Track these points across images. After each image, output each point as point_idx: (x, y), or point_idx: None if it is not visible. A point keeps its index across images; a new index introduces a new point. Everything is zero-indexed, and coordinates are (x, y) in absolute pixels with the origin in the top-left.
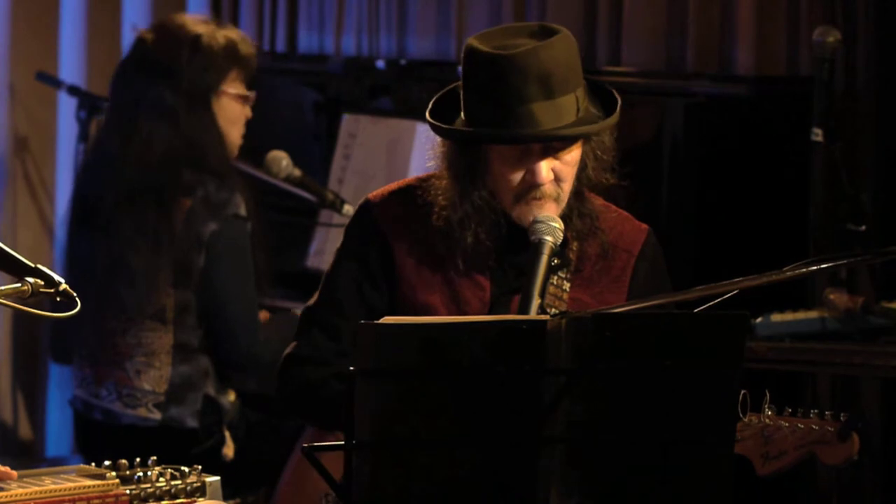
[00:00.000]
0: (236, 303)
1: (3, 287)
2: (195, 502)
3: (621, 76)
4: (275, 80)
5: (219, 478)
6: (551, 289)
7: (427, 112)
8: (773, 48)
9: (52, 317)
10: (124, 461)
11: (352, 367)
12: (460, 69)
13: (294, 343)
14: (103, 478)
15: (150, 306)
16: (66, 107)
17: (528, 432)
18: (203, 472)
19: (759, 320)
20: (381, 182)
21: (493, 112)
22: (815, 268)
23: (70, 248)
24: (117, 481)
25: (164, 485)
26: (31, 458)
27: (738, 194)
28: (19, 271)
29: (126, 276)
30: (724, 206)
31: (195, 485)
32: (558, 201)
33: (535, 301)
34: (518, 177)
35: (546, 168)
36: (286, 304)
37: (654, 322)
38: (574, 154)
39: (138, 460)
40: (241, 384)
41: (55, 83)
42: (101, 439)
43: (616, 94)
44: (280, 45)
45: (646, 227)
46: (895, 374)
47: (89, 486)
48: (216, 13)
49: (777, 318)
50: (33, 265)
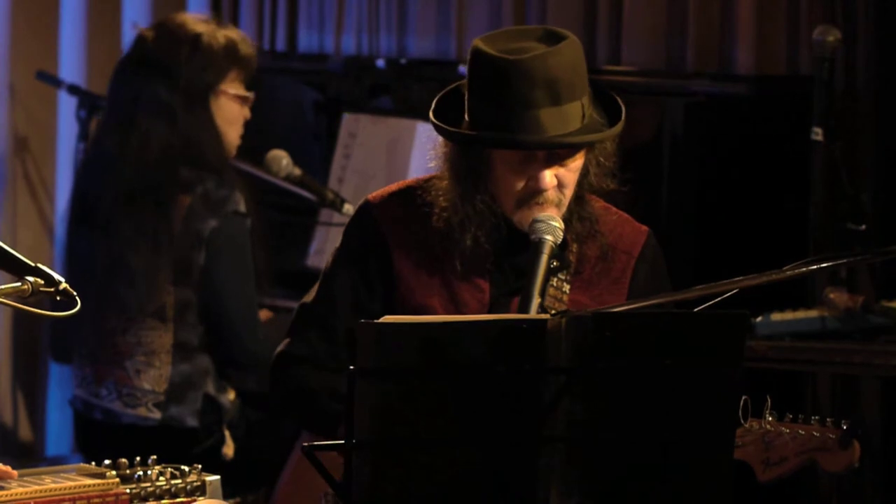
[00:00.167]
0: (236, 300)
1: (3, 286)
2: (195, 501)
3: (621, 76)
4: (275, 79)
5: (219, 477)
6: (551, 291)
7: (430, 112)
8: (773, 48)
9: (52, 316)
10: (124, 460)
11: (352, 367)
12: (461, 69)
13: (288, 340)
14: (103, 477)
15: (150, 305)
16: (66, 106)
17: (528, 431)
18: (203, 471)
19: (759, 319)
20: (381, 181)
21: (498, 116)
22: (815, 267)
23: (69, 246)
24: (117, 480)
25: (165, 484)
26: (31, 458)
27: (738, 194)
28: (19, 270)
29: (126, 274)
30: (724, 205)
31: (195, 484)
32: (560, 206)
33: (535, 300)
34: (521, 182)
35: (550, 175)
36: (286, 303)
37: (654, 321)
38: (578, 161)
39: (138, 459)
40: (240, 383)
41: (55, 83)
42: (101, 439)
43: (620, 102)
44: (280, 45)
45: (646, 228)
46: (895, 373)
47: (89, 486)
48: (216, 12)
49: (777, 317)
50: (33, 264)
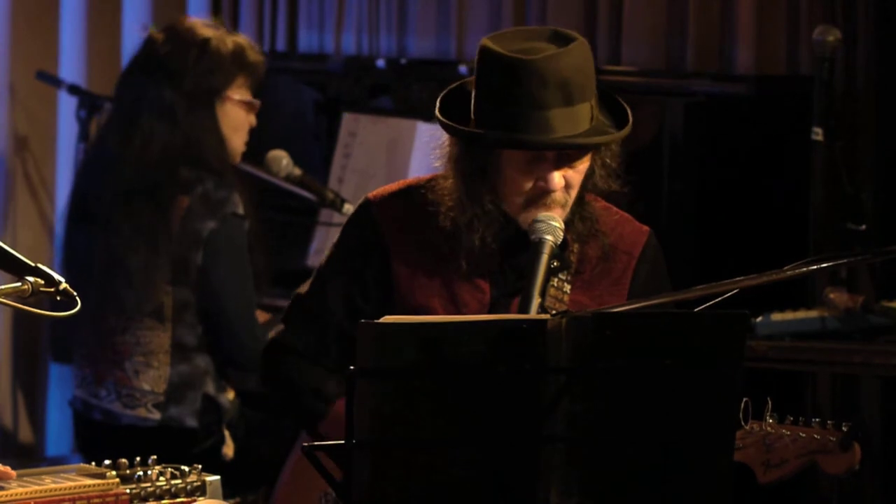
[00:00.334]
0: (235, 301)
1: (3, 286)
2: (195, 501)
3: (621, 76)
4: (275, 79)
5: (219, 477)
6: (552, 291)
7: (437, 111)
8: (773, 48)
9: (52, 316)
10: (124, 460)
11: (352, 367)
12: (461, 69)
13: (282, 328)
14: (103, 477)
15: (148, 304)
16: (66, 106)
17: (528, 431)
18: (203, 471)
19: (759, 319)
20: (381, 181)
21: (508, 116)
22: (815, 267)
23: (67, 245)
24: (117, 480)
25: (165, 484)
26: (31, 458)
27: (738, 194)
28: (19, 270)
29: (124, 274)
30: (725, 205)
31: (195, 484)
32: (565, 207)
33: (536, 300)
34: (529, 182)
35: (559, 176)
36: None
37: (654, 321)
38: (585, 162)
39: (138, 459)
40: (240, 383)
41: (55, 82)
42: (100, 439)
43: (624, 104)
44: (280, 45)
45: (646, 228)
46: (895, 373)
47: (89, 486)
48: (216, 12)
49: (777, 317)
50: (33, 264)
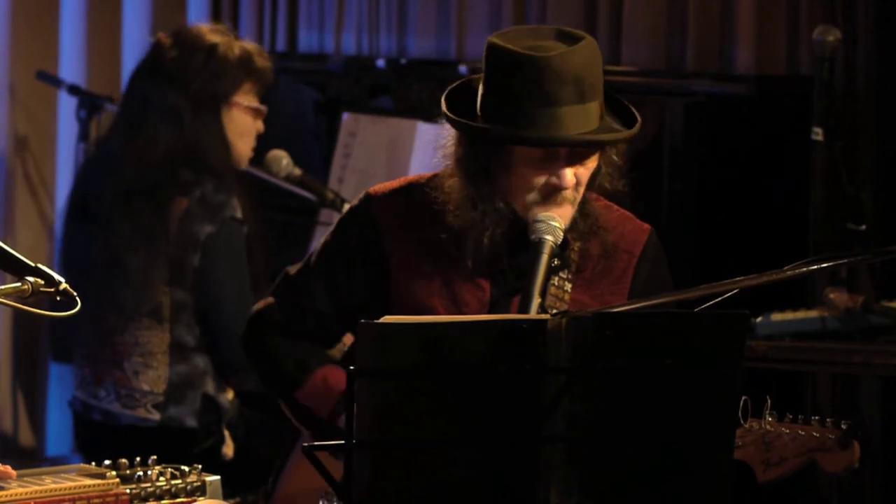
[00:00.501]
0: (233, 304)
1: (3, 286)
2: (195, 501)
3: (621, 76)
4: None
5: (219, 477)
6: (552, 290)
7: (444, 108)
8: (773, 48)
9: (52, 316)
10: (124, 460)
11: (352, 367)
12: (461, 69)
13: (270, 300)
14: (103, 477)
15: (146, 304)
16: (66, 106)
17: (528, 431)
18: (203, 471)
19: (759, 319)
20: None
21: (519, 113)
22: (815, 267)
23: (66, 245)
24: (117, 480)
25: (165, 484)
26: (31, 458)
27: (738, 194)
28: (19, 270)
29: (123, 274)
30: (725, 205)
31: (195, 484)
32: (574, 205)
33: (536, 300)
34: (541, 180)
35: (571, 173)
36: None
37: (654, 321)
38: (595, 160)
39: (138, 460)
40: (239, 384)
41: (55, 83)
42: (100, 440)
43: (629, 105)
44: (280, 45)
45: (648, 227)
46: (895, 373)
47: (89, 486)
48: (216, 12)
49: (777, 317)
50: (33, 264)
